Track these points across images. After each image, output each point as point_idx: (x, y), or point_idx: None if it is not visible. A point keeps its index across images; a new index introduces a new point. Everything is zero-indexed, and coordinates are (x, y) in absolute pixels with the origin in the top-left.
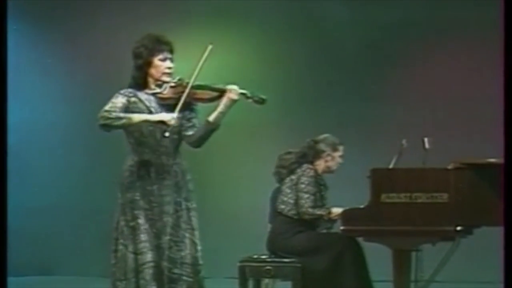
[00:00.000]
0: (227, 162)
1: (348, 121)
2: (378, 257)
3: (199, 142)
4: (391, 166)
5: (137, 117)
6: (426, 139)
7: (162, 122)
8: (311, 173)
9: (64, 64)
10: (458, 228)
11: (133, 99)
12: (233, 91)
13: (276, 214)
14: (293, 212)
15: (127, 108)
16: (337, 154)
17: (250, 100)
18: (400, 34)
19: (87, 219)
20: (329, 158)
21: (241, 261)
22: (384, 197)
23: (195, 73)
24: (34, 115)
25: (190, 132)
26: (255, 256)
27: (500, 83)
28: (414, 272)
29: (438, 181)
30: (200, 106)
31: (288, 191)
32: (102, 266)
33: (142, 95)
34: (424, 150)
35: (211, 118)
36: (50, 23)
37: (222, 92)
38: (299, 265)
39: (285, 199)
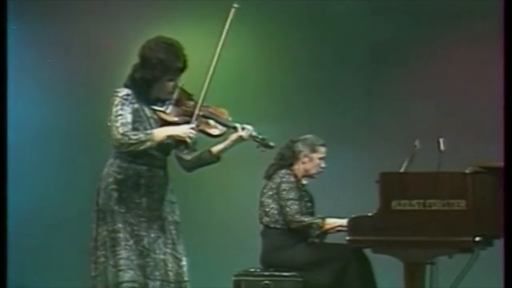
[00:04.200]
0: (221, 166)
1: (355, 121)
2: (387, 271)
3: (194, 168)
4: (402, 170)
5: (158, 135)
6: (441, 140)
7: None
8: (291, 178)
9: (64, 64)
10: (477, 238)
11: (136, 105)
12: (246, 131)
13: (263, 227)
14: (280, 223)
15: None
16: (316, 155)
17: (256, 143)
18: (409, 32)
19: (70, 226)
20: (306, 159)
21: (236, 275)
22: (394, 204)
23: (201, 97)
24: (34, 115)
25: (187, 157)
26: (252, 270)
27: None
28: None
29: (454, 186)
30: None
31: (269, 201)
32: (82, 279)
33: (143, 103)
34: (439, 152)
35: (215, 150)
36: (50, 23)
37: (232, 128)
38: (300, 279)
39: (267, 209)
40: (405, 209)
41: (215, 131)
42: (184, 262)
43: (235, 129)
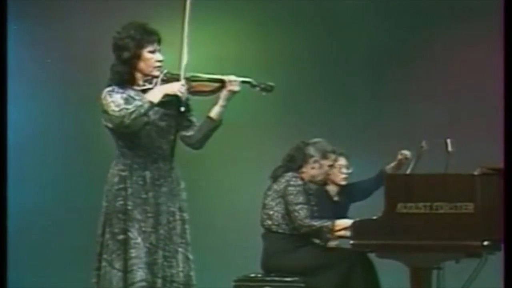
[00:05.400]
0: (221, 167)
1: (359, 122)
2: (392, 276)
3: (201, 142)
4: (408, 172)
5: (154, 96)
6: (449, 141)
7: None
8: (298, 181)
9: (64, 64)
10: (486, 243)
11: (124, 95)
12: (233, 82)
13: (264, 230)
14: (283, 227)
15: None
16: (325, 162)
17: (257, 89)
18: (413, 32)
19: (70, 226)
20: (316, 165)
21: (237, 281)
22: (400, 207)
23: (184, 59)
24: (34, 115)
25: (189, 132)
26: (252, 275)
27: None
28: None
29: (462, 188)
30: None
31: (273, 204)
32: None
33: (130, 92)
34: (447, 153)
35: (213, 114)
36: (50, 23)
37: (221, 82)
38: (302, 284)
39: (271, 213)
40: (411, 212)
41: (205, 87)
42: (193, 265)
43: (222, 82)
